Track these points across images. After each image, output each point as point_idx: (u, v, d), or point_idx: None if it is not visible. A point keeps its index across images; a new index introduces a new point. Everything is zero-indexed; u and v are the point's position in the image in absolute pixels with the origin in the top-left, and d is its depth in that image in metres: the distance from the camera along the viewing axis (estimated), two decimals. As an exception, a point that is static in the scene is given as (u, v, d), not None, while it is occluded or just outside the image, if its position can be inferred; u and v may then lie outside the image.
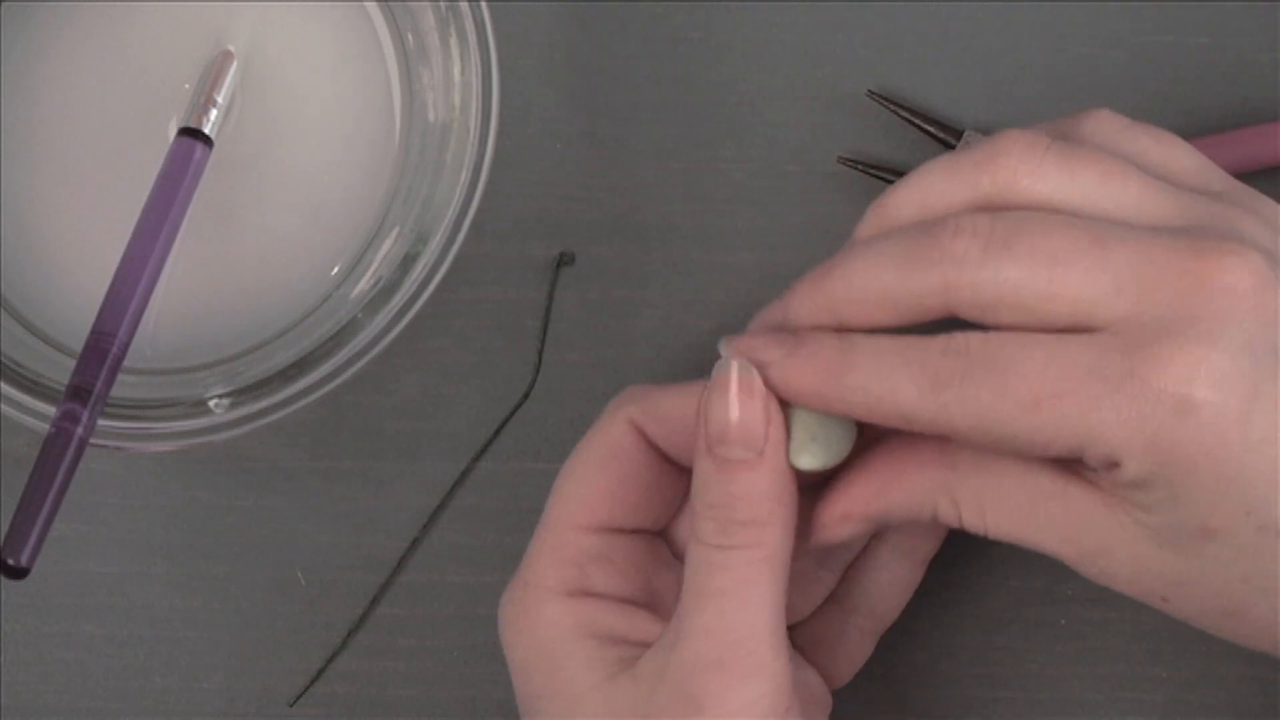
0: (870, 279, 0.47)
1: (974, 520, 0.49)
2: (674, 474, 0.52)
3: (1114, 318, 0.45)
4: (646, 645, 0.49)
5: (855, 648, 0.54)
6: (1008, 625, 0.58)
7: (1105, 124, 0.49)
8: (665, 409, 0.51)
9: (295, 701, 0.58)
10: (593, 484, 0.51)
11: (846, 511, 0.49)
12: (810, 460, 0.49)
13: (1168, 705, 0.58)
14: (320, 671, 0.58)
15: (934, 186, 0.48)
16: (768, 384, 0.48)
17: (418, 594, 0.58)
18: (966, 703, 0.58)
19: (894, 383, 0.46)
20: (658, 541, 0.52)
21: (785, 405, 0.48)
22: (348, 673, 0.58)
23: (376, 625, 0.58)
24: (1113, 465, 0.45)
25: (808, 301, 0.49)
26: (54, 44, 0.55)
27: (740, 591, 0.48)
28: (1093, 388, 0.45)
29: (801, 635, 0.53)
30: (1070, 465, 0.47)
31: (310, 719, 0.58)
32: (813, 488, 0.50)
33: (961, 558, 0.57)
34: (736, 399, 0.48)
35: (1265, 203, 0.48)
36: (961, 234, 0.46)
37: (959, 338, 0.46)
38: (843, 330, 0.48)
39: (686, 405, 0.50)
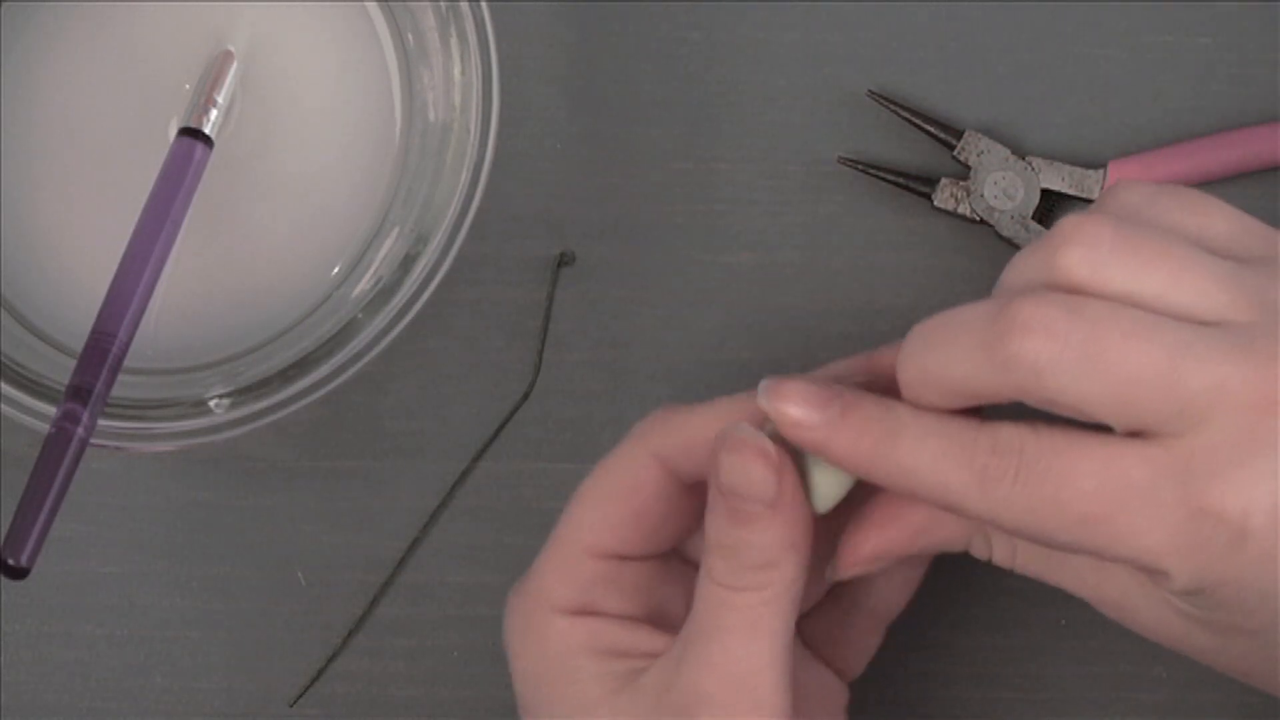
0: (942, 367, 0.46)
1: (1004, 558, 0.50)
2: (693, 496, 0.51)
3: (1174, 433, 0.44)
4: (653, 656, 0.49)
5: (864, 640, 0.53)
6: (1008, 625, 0.58)
7: (1134, 196, 0.48)
8: (690, 437, 0.50)
9: (295, 701, 0.58)
10: (607, 513, 0.50)
11: (881, 551, 0.49)
12: (827, 503, 0.48)
13: (1168, 705, 0.58)
14: (320, 671, 0.58)
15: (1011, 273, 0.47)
16: (806, 443, 0.47)
17: (418, 594, 0.58)
18: (967, 702, 0.58)
19: (943, 473, 0.45)
20: (670, 561, 0.52)
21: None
22: (348, 673, 0.58)
23: (376, 625, 0.58)
24: (1160, 575, 0.45)
25: (867, 371, 0.49)
26: (54, 44, 0.55)
27: (745, 630, 0.47)
28: (1146, 511, 0.44)
29: (810, 629, 0.53)
30: None
31: (310, 719, 0.58)
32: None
33: (962, 558, 0.57)
34: (750, 462, 0.47)
35: None
36: (1031, 334, 0.44)
37: (1010, 434, 0.45)
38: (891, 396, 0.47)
39: (712, 428, 0.49)
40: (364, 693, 0.58)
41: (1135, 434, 0.44)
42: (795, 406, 0.47)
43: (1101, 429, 0.45)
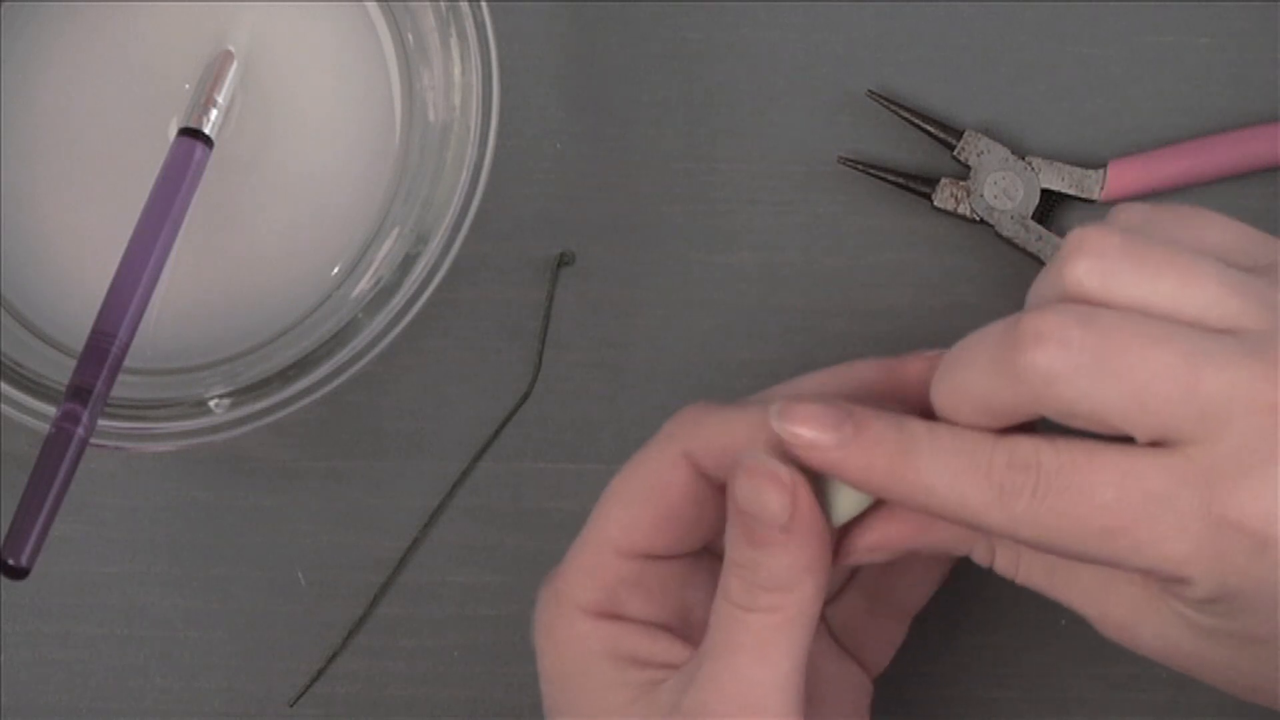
0: (961, 388, 0.46)
1: (1006, 568, 0.49)
2: (723, 495, 0.50)
3: (1194, 440, 0.44)
4: (672, 668, 0.49)
5: (889, 633, 0.54)
6: (1008, 625, 0.58)
7: (1136, 215, 0.48)
8: (720, 439, 0.49)
9: (295, 701, 0.58)
10: (636, 513, 0.50)
11: (880, 543, 0.49)
12: (844, 518, 0.48)
13: (1168, 705, 0.58)
14: (320, 671, 0.58)
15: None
16: (820, 465, 0.47)
17: (418, 594, 0.58)
18: (966, 702, 0.58)
19: (960, 489, 0.45)
20: (699, 558, 0.52)
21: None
22: (348, 673, 0.58)
23: (376, 625, 0.58)
24: (1181, 583, 0.45)
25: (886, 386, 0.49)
26: (54, 44, 0.55)
27: (758, 650, 0.47)
28: (1168, 520, 0.44)
29: (836, 621, 0.53)
30: None
31: (310, 719, 0.58)
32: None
33: (962, 557, 0.57)
34: (764, 487, 0.47)
35: None
36: (1045, 345, 0.44)
37: (1027, 447, 0.45)
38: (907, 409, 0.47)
39: (742, 433, 0.49)
40: (364, 693, 0.58)
41: (1154, 444, 0.44)
42: (807, 429, 0.46)
43: (1121, 441, 0.45)
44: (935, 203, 0.58)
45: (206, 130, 0.54)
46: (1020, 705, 0.58)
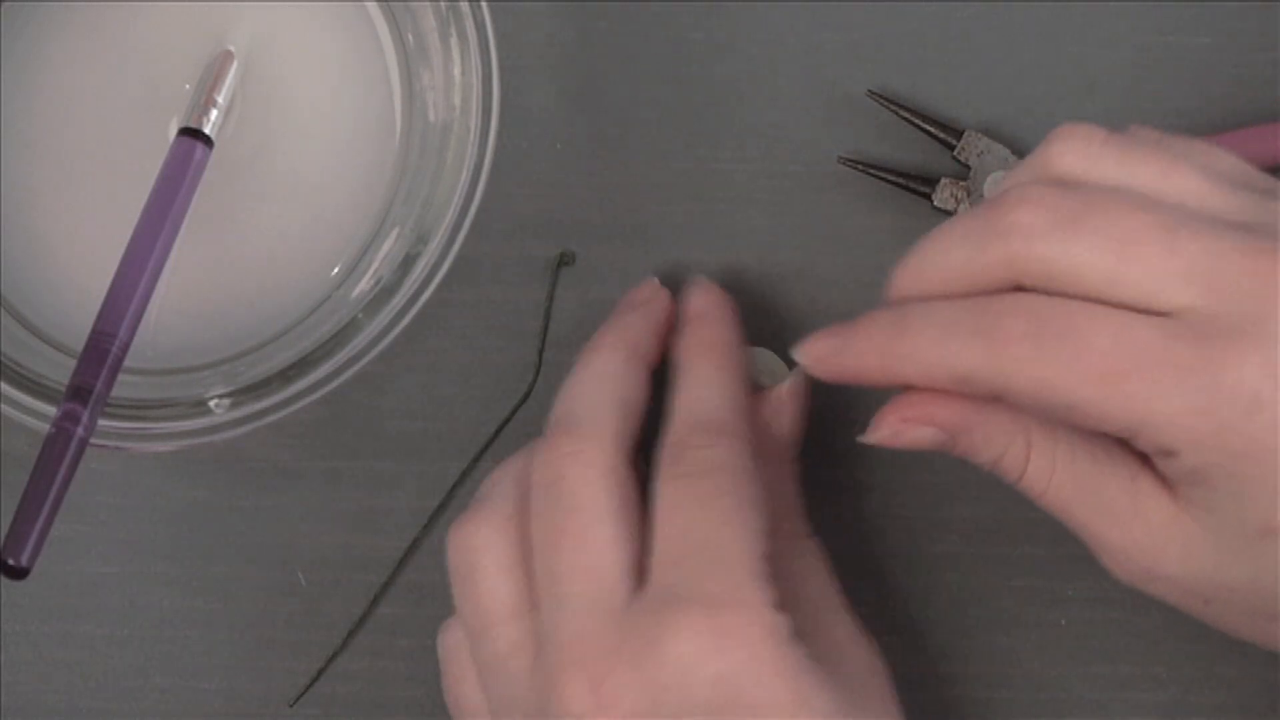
0: (939, 257, 0.47)
1: (1038, 477, 0.48)
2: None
3: (1182, 306, 0.45)
4: None
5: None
6: (1008, 625, 0.58)
7: (1146, 133, 0.49)
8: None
9: (295, 701, 0.58)
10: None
11: (927, 416, 0.49)
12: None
13: (1168, 705, 0.58)
14: (320, 671, 0.58)
15: (1001, 180, 0.48)
16: (836, 372, 0.49)
17: (418, 594, 0.58)
18: (967, 702, 0.58)
19: (952, 345, 0.46)
20: None
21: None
22: (348, 673, 0.58)
23: (376, 625, 0.58)
24: (1168, 454, 0.45)
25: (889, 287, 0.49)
26: (54, 44, 0.55)
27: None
28: (1163, 372, 0.44)
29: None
30: (1144, 458, 0.47)
31: (310, 719, 0.58)
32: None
33: (963, 558, 0.57)
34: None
35: None
36: (1026, 204, 0.45)
37: (1025, 298, 0.45)
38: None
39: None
40: (364, 693, 0.58)
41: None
42: (818, 344, 0.49)
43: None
44: (935, 203, 0.58)
45: (206, 130, 0.54)
46: (1020, 706, 0.58)
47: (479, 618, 0.50)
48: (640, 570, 0.49)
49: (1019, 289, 0.46)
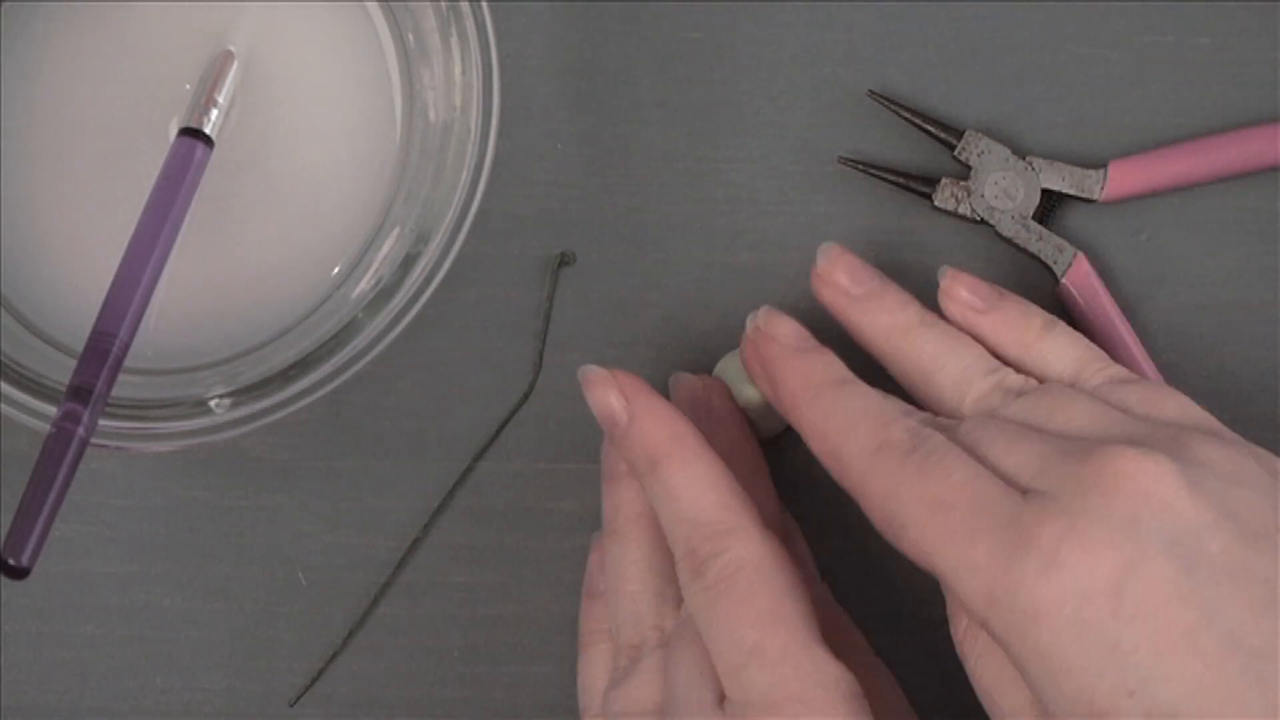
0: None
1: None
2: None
3: (1032, 488, 0.47)
4: None
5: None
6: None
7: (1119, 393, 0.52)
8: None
9: (295, 701, 0.58)
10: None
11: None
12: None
13: (1168, 705, 0.58)
14: (320, 671, 0.58)
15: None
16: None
17: (418, 594, 0.58)
18: (967, 702, 0.58)
19: (855, 429, 0.51)
20: None
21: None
22: (348, 673, 0.58)
23: (376, 625, 0.58)
24: (952, 592, 0.48)
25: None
26: (54, 44, 0.55)
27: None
28: (981, 518, 0.47)
29: None
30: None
31: (310, 719, 0.58)
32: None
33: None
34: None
35: (1218, 431, 0.50)
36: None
37: (930, 426, 0.50)
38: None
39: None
40: (364, 693, 0.58)
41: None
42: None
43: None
44: (936, 203, 0.58)
45: (207, 130, 0.54)
46: (1020, 705, 0.58)
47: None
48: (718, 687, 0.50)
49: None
